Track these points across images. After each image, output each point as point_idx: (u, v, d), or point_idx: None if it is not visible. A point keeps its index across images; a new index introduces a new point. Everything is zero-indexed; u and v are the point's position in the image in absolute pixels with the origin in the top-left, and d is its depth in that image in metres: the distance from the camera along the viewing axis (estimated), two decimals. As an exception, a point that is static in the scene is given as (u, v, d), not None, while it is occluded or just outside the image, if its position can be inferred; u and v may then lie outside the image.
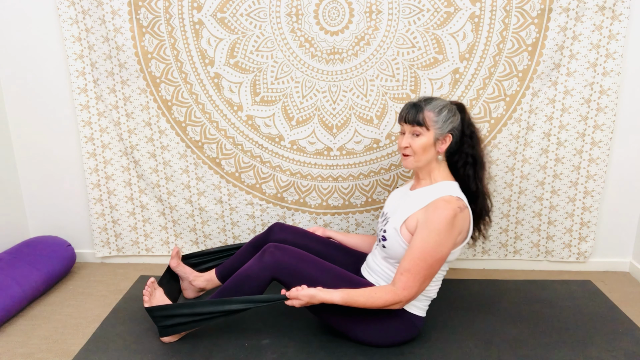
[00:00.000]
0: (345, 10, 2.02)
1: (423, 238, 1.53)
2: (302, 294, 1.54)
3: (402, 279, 1.54)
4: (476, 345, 1.72)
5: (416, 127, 1.61)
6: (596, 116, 2.08)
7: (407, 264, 1.54)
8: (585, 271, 2.32)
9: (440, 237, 1.51)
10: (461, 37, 2.02)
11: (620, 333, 1.79)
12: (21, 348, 1.74)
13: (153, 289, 1.77)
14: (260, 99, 2.15)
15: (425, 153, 1.62)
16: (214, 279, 1.95)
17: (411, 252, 1.54)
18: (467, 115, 1.68)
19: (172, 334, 1.70)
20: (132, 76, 2.13)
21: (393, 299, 1.54)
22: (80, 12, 2.06)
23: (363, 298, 1.54)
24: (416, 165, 1.66)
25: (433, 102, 1.62)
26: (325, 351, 1.68)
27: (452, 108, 1.64)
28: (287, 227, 1.92)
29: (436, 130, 1.60)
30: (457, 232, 1.55)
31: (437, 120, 1.60)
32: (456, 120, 1.62)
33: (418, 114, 1.60)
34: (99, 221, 2.35)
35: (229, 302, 1.63)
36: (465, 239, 1.62)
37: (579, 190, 2.19)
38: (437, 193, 1.59)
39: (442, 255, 1.54)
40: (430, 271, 1.54)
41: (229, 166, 2.25)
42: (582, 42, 1.99)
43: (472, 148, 1.66)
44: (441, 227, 1.51)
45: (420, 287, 1.55)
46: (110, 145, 2.25)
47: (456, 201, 1.55)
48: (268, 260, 1.66)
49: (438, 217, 1.52)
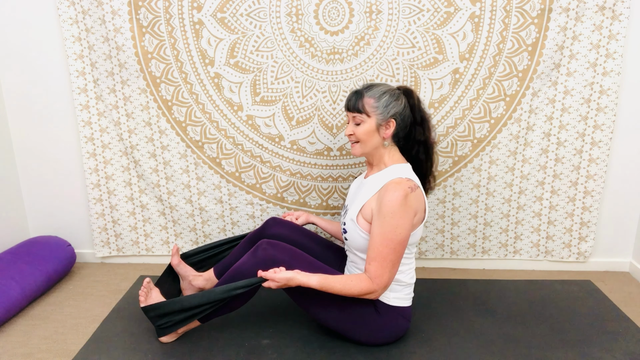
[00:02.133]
0: (345, 10, 2.02)
1: (380, 224, 1.53)
2: (278, 276, 1.54)
3: (372, 269, 1.55)
4: (476, 345, 1.72)
5: (357, 114, 1.63)
6: (596, 116, 2.08)
7: (372, 253, 1.55)
8: (585, 271, 2.32)
9: (396, 220, 1.52)
10: (461, 37, 2.02)
11: (620, 333, 1.79)
12: (21, 348, 1.74)
13: (149, 289, 1.78)
14: (261, 99, 2.15)
15: (370, 139, 1.63)
16: (212, 278, 1.95)
17: (373, 241, 1.55)
18: (416, 100, 1.66)
19: (169, 333, 1.71)
20: (132, 76, 2.13)
21: (368, 287, 1.55)
22: (80, 12, 2.06)
23: (339, 285, 1.55)
24: (363, 152, 1.67)
25: (374, 89, 1.62)
26: (325, 351, 1.68)
27: (395, 93, 1.63)
28: (282, 221, 1.93)
29: (377, 116, 1.60)
30: (413, 212, 1.55)
31: (377, 106, 1.60)
32: (399, 105, 1.61)
33: (357, 101, 1.62)
34: (99, 221, 2.35)
35: (212, 292, 1.63)
36: (423, 219, 1.63)
37: (579, 190, 2.19)
38: (389, 177, 1.60)
39: (403, 237, 1.54)
40: (396, 255, 1.55)
41: (229, 166, 2.25)
42: (582, 42, 1.99)
43: (423, 134, 1.66)
44: (394, 209, 1.51)
45: (391, 273, 1.56)
46: (110, 145, 2.25)
47: (406, 182, 1.55)
48: (261, 256, 1.66)
49: (389, 200, 1.52)
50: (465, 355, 1.66)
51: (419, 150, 1.67)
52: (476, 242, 2.30)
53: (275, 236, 1.85)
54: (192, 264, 2.05)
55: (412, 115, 1.64)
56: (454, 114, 2.11)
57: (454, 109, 2.11)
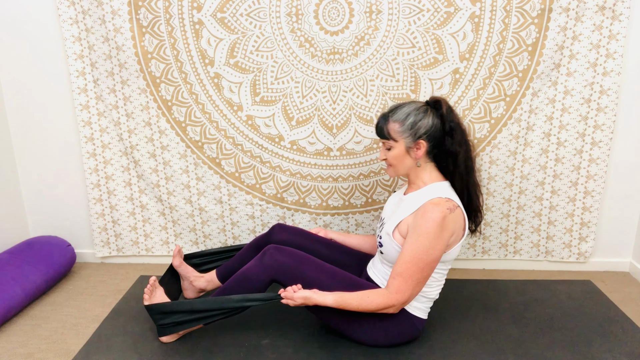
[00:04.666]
0: (345, 10, 2.02)
1: (413, 242, 1.52)
2: (296, 295, 1.55)
3: (395, 283, 1.53)
4: (476, 345, 1.72)
5: (385, 140, 1.61)
6: (596, 116, 2.08)
7: (398, 268, 1.53)
8: (585, 271, 2.32)
9: (430, 241, 1.50)
10: (461, 37, 2.02)
11: (620, 333, 1.79)
12: (21, 348, 1.74)
13: (154, 287, 1.78)
14: (260, 99, 2.15)
15: (402, 163, 1.61)
16: (214, 279, 1.95)
17: (402, 256, 1.53)
18: (444, 111, 1.58)
19: (171, 333, 1.70)
20: (132, 76, 2.13)
21: (386, 302, 1.53)
22: (80, 12, 2.06)
23: (356, 302, 1.54)
24: (397, 174, 1.66)
25: (399, 112, 1.58)
26: (325, 351, 1.68)
27: (421, 110, 1.57)
28: (289, 227, 1.92)
29: (405, 140, 1.57)
30: (449, 234, 1.53)
31: (402, 130, 1.56)
32: (427, 124, 1.55)
33: (383, 127, 1.59)
34: (99, 221, 2.35)
35: (226, 300, 1.63)
36: (461, 238, 1.60)
37: (579, 190, 2.19)
38: (427, 196, 1.57)
39: (434, 258, 1.53)
40: (422, 274, 1.53)
41: (228, 166, 2.25)
42: (582, 42, 1.99)
43: (452, 145, 1.58)
44: (430, 230, 1.49)
45: (414, 291, 1.55)
46: (110, 145, 2.25)
47: (445, 202, 1.53)
48: (268, 261, 1.66)
49: (427, 221, 1.50)
50: (465, 355, 1.66)
51: (448, 161, 1.60)
52: (476, 242, 2.30)
53: (282, 242, 1.84)
54: (194, 265, 2.06)
55: (442, 127, 1.58)
56: (454, 114, 2.11)
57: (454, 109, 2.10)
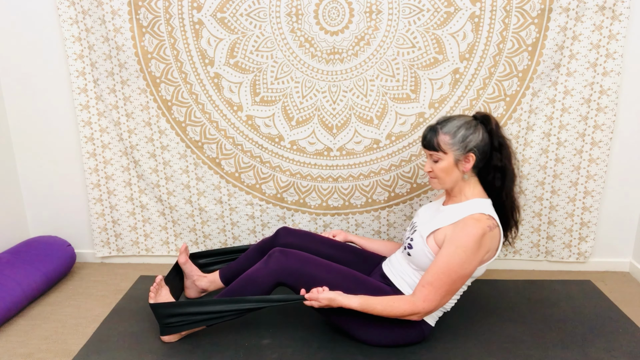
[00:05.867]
0: (345, 10, 2.02)
1: (449, 253, 1.51)
2: (322, 296, 1.54)
3: (424, 291, 1.53)
4: (476, 345, 1.72)
5: (433, 152, 1.60)
6: (596, 116, 2.08)
7: (430, 277, 1.53)
8: (585, 271, 2.32)
9: (467, 255, 1.50)
10: (461, 37, 2.02)
11: (620, 333, 1.79)
12: (21, 348, 1.74)
13: (160, 286, 1.78)
14: (260, 99, 2.15)
15: (449, 175, 1.60)
16: (217, 280, 1.95)
17: (436, 266, 1.53)
18: (493, 127, 1.60)
19: (174, 333, 1.70)
20: (132, 76, 2.13)
21: (411, 309, 1.54)
22: (80, 12, 2.07)
23: (381, 306, 1.55)
24: (443, 187, 1.65)
25: (449, 124, 1.58)
26: (325, 351, 1.68)
27: (472, 124, 1.58)
28: (294, 231, 1.92)
29: (455, 152, 1.57)
30: (485, 251, 1.54)
31: (453, 142, 1.56)
32: (477, 138, 1.56)
33: (433, 139, 1.58)
34: (99, 221, 2.35)
35: (243, 300, 1.62)
36: (494, 256, 1.61)
37: (579, 190, 2.19)
38: (469, 210, 1.57)
39: (467, 272, 1.53)
40: (452, 287, 1.54)
41: (228, 166, 2.25)
42: (582, 42, 1.99)
43: (501, 160, 1.59)
44: (468, 245, 1.50)
45: (441, 302, 1.55)
46: (110, 145, 2.25)
47: (487, 220, 1.53)
48: (273, 265, 1.66)
49: (466, 235, 1.50)
50: (465, 355, 1.66)
51: (495, 176, 1.61)
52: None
53: (287, 245, 1.84)
54: (199, 265, 2.06)
55: (490, 142, 1.59)
56: (454, 114, 2.11)
57: (454, 109, 2.10)
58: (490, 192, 1.65)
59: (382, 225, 2.30)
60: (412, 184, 2.22)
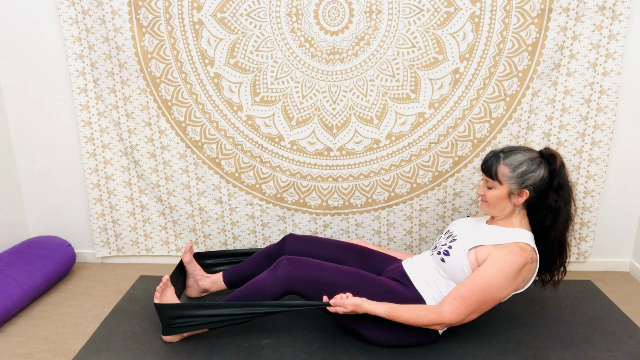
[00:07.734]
0: (345, 10, 2.02)
1: (489, 274, 1.52)
2: (347, 302, 1.54)
3: (454, 304, 1.54)
4: (476, 345, 1.72)
5: (489, 179, 1.60)
6: (596, 116, 2.08)
7: (464, 292, 1.53)
8: (585, 271, 2.32)
9: (506, 280, 1.51)
10: (461, 37, 2.02)
11: (620, 333, 1.79)
12: (21, 348, 1.74)
13: (166, 286, 1.78)
14: (260, 99, 2.15)
15: (499, 204, 1.61)
16: (219, 281, 1.95)
17: (472, 282, 1.53)
18: (557, 166, 1.57)
19: (177, 333, 1.70)
20: (132, 76, 2.13)
21: (437, 319, 1.54)
22: (80, 12, 2.06)
23: (407, 314, 1.55)
24: (491, 213, 1.66)
25: (513, 156, 1.57)
26: (325, 351, 1.68)
27: (536, 161, 1.56)
28: (301, 237, 1.92)
29: (511, 185, 1.57)
30: (521, 280, 1.56)
31: (511, 176, 1.56)
32: (537, 176, 1.55)
33: (492, 167, 1.58)
34: (99, 221, 2.35)
35: (260, 304, 1.62)
36: (523, 288, 1.62)
37: (579, 191, 2.19)
38: (515, 237, 1.58)
39: (500, 297, 1.54)
40: (482, 306, 1.55)
41: (228, 166, 2.25)
42: (582, 42, 1.99)
43: (556, 201, 1.57)
44: (510, 270, 1.51)
45: (467, 318, 1.56)
46: (110, 145, 2.25)
47: (531, 252, 1.55)
48: (280, 274, 1.65)
49: (511, 261, 1.51)
50: (465, 355, 1.66)
51: (547, 215, 1.59)
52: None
53: (295, 253, 1.84)
54: (204, 265, 2.06)
55: (550, 182, 1.57)
56: (454, 114, 2.11)
57: (454, 109, 2.11)
58: (536, 228, 1.64)
59: (382, 225, 2.30)
60: (412, 184, 2.22)
